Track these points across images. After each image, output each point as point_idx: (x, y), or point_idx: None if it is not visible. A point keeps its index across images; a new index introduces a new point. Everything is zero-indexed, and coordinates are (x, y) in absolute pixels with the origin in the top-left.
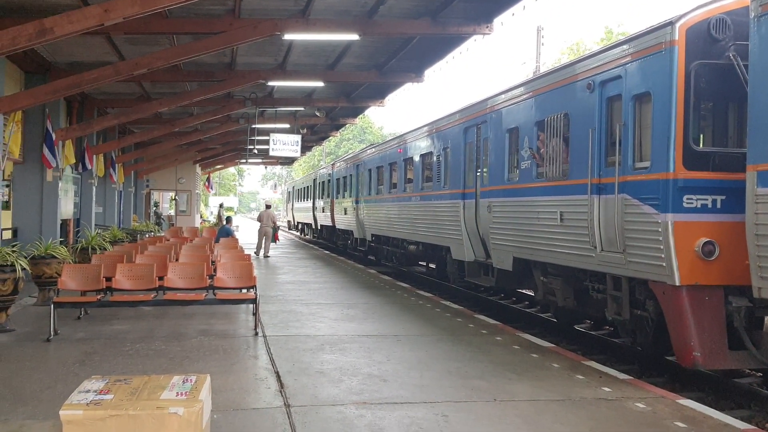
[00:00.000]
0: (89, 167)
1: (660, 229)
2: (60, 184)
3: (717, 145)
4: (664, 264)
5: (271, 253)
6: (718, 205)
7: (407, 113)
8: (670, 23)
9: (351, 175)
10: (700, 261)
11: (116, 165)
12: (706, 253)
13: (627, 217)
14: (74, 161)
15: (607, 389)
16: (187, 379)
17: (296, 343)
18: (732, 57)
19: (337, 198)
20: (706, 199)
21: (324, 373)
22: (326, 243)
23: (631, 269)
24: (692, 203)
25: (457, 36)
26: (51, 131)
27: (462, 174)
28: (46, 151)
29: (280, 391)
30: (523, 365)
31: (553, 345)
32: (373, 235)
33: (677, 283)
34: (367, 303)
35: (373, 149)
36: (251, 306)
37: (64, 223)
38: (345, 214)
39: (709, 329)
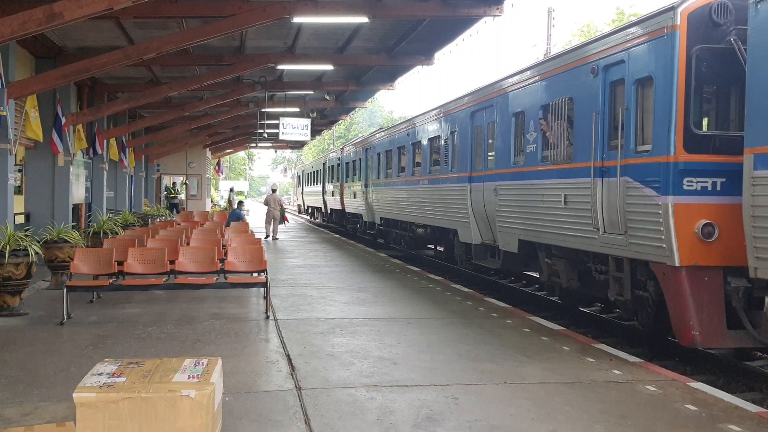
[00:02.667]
0: (100, 152)
1: (660, 212)
2: (71, 169)
3: (717, 128)
4: (664, 245)
5: (281, 236)
6: (718, 188)
7: (417, 97)
8: (672, 8)
9: (360, 159)
10: (700, 242)
11: (127, 149)
12: (706, 235)
13: (629, 200)
14: (86, 146)
15: (617, 372)
16: (198, 362)
17: (307, 327)
18: (733, 41)
19: (346, 182)
20: (706, 182)
21: (335, 356)
22: (336, 227)
23: (633, 251)
24: (692, 186)
25: (467, 18)
26: (61, 116)
27: (469, 157)
28: (54, 136)
29: (291, 374)
30: (533, 348)
31: (563, 328)
32: (382, 218)
33: (677, 264)
34: (378, 286)
35: (382, 133)
36: (262, 289)
37: (76, 208)
38: (354, 197)
39: (708, 309)
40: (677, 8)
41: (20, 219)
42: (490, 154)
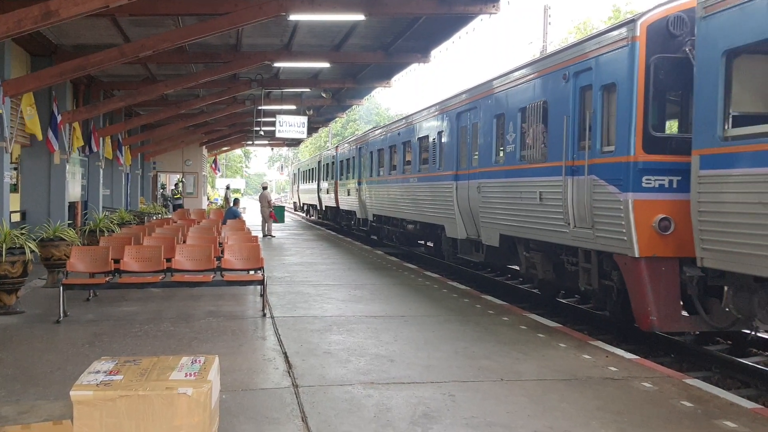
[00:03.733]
0: (96, 150)
1: (622, 207)
2: (67, 167)
3: (673, 131)
4: (625, 238)
5: (277, 233)
6: (674, 185)
7: (414, 94)
8: (633, 20)
9: (354, 157)
10: (657, 235)
11: (123, 147)
12: (663, 228)
13: (595, 197)
14: (82, 144)
15: (613, 369)
16: (195, 360)
17: (304, 324)
18: (688, 51)
19: (340, 179)
20: (663, 180)
21: (332, 354)
22: (331, 224)
23: (599, 243)
24: (650, 183)
25: (463, 15)
26: (57, 114)
27: (455, 157)
28: (50, 134)
29: (288, 372)
30: (529, 345)
31: (559, 325)
32: (374, 215)
33: (637, 255)
34: (374, 284)
35: (375, 132)
36: (259, 287)
37: (72, 206)
38: (348, 195)
39: (665, 296)
40: (637, 21)
41: (16, 217)
42: (474, 153)
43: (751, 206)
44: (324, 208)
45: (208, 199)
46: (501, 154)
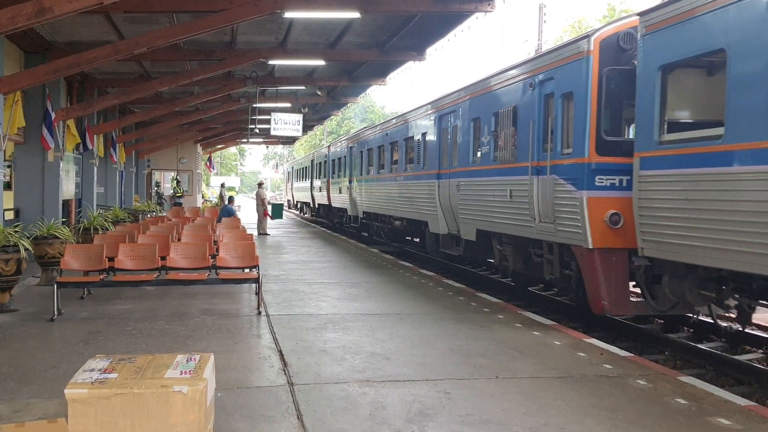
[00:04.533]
0: (90, 147)
1: (578, 204)
2: (61, 165)
3: (623, 135)
4: (581, 231)
5: (271, 231)
6: (624, 184)
7: (410, 92)
8: (587, 36)
9: (344, 156)
10: (609, 229)
11: (117, 145)
12: (613, 223)
13: (556, 194)
14: (78, 141)
15: (608, 366)
16: (190, 358)
17: (299, 322)
18: (635, 63)
19: (332, 178)
20: (614, 179)
21: (327, 352)
22: (323, 221)
23: (560, 236)
24: (603, 182)
25: (458, 13)
26: (51, 111)
27: (437, 157)
28: (45, 131)
29: (284, 370)
30: (525, 343)
31: (554, 323)
32: (364, 212)
33: (590, 247)
34: (370, 282)
35: (364, 133)
36: (254, 285)
37: (66, 204)
38: (340, 193)
39: (616, 283)
40: (591, 36)
41: (9, 215)
42: (454, 153)
43: (680, 202)
44: (317, 206)
45: (203, 197)
46: (478, 154)
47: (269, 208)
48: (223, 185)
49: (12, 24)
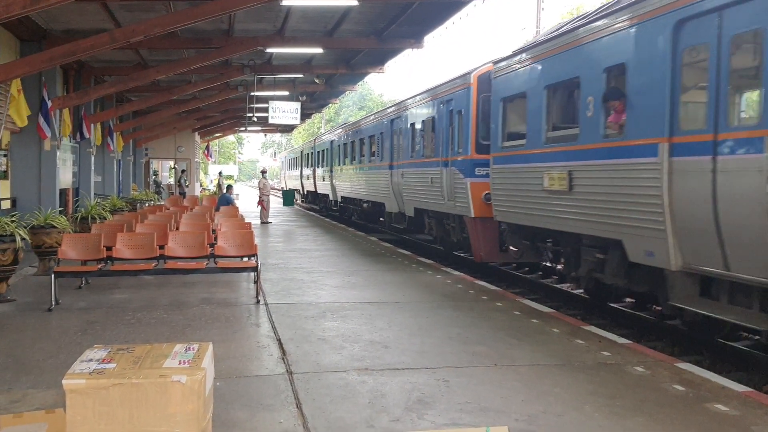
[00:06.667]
0: (87, 136)
1: (465, 187)
2: (58, 154)
3: (492, 140)
4: (467, 206)
5: (270, 219)
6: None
7: (407, 80)
8: (470, 73)
9: (327, 149)
10: (484, 204)
11: (114, 134)
12: (487, 200)
13: (454, 181)
14: (71, 130)
15: (606, 353)
16: (189, 348)
17: (298, 311)
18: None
19: (317, 168)
20: (487, 170)
21: (326, 340)
22: (312, 206)
23: (457, 210)
24: (480, 172)
25: (456, 1)
26: (47, 100)
27: (390, 152)
28: (41, 120)
29: (283, 359)
30: (523, 330)
31: (553, 310)
32: (341, 197)
33: (473, 216)
34: (368, 270)
35: (340, 129)
36: (252, 274)
37: (63, 193)
38: (323, 180)
39: (489, 241)
40: (471, 73)
41: (6, 204)
42: (400, 149)
43: (507, 184)
44: (306, 192)
45: (201, 185)
46: (413, 151)
47: (266, 200)
48: (221, 174)
49: (7, 12)
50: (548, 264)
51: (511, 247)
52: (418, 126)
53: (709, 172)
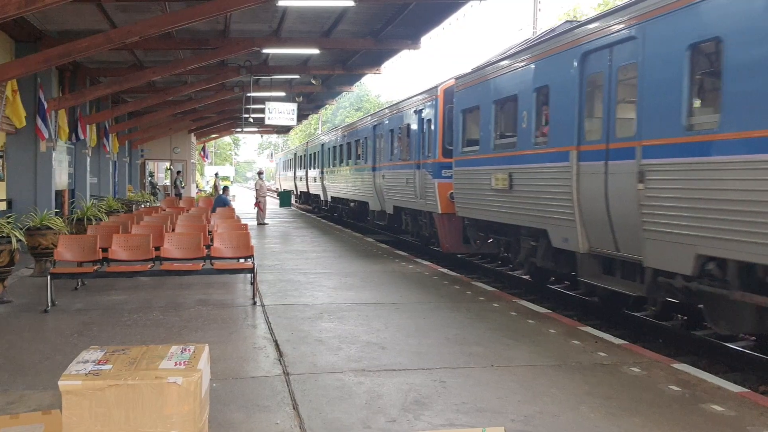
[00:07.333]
0: (83, 137)
1: (434, 187)
2: (54, 155)
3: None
4: (435, 203)
5: (267, 220)
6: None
7: (405, 80)
8: (437, 87)
9: (318, 152)
10: (450, 202)
11: (110, 135)
12: (451, 198)
13: (425, 182)
14: (67, 132)
15: (602, 354)
16: (185, 349)
17: (295, 312)
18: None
19: (310, 169)
20: (451, 172)
21: (323, 342)
22: (306, 206)
23: (428, 207)
24: (446, 174)
25: (453, 2)
26: (43, 101)
27: (373, 155)
28: (39, 122)
29: (279, 360)
30: (520, 331)
31: (549, 311)
32: (331, 197)
33: (440, 212)
34: (365, 271)
35: (329, 134)
36: (249, 275)
37: (59, 194)
38: (315, 182)
39: (453, 234)
40: (438, 87)
41: (2, 206)
42: (381, 153)
43: (465, 183)
44: (299, 193)
45: (197, 187)
46: (392, 154)
47: (262, 201)
48: (217, 175)
49: (2, 13)
50: (502, 253)
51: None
52: (396, 132)
53: (602, 174)
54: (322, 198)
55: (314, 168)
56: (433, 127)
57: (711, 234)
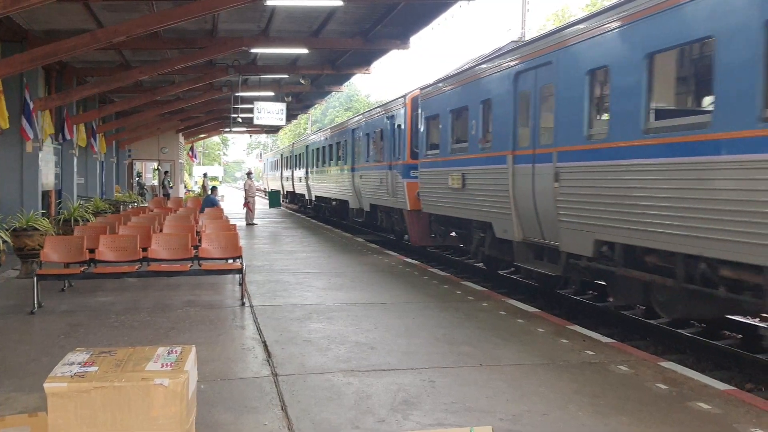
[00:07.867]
0: (69, 137)
1: (403, 186)
2: (40, 155)
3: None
4: (404, 201)
5: (256, 221)
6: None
7: (394, 80)
8: (405, 95)
9: (303, 153)
10: (417, 199)
11: (97, 135)
12: (419, 196)
13: (395, 181)
14: (53, 132)
15: (590, 353)
16: (172, 351)
17: (283, 313)
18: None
19: (295, 170)
20: (418, 172)
21: (311, 342)
22: (293, 206)
23: (398, 204)
24: (414, 174)
25: (442, 2)
26: (29, 101)
27: (352, 156)
28: (24, 122)
29: (268, 361)
30: (509, 330)
31: (538, 310)
32: (315, 196)
33: (408, 209)
34: (355, 271)
35: (315, 135)
36: (237, 276)
37: (46, 195)
38: (300, 182)
39: (420, 229)
40: (406, 96)
41: None
42: (359, 154)
43: (430, 183)
44: (286, 193)
45: (185, 187)
46: (369, 156)
47: (251, 201)
48: (205, 175)
49: None
50: (457, 244)
51: (435, 233)
52: (372, 136)
53: (531, 175)
54: (306, 197)
55: (299, 168)
56: (402, 131)
57: (604, 223)
